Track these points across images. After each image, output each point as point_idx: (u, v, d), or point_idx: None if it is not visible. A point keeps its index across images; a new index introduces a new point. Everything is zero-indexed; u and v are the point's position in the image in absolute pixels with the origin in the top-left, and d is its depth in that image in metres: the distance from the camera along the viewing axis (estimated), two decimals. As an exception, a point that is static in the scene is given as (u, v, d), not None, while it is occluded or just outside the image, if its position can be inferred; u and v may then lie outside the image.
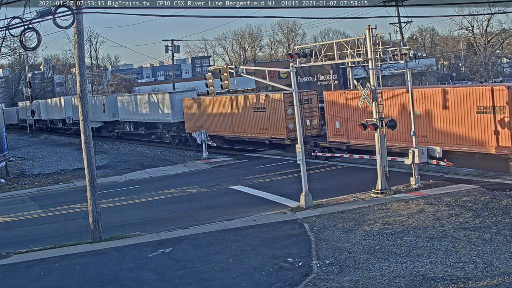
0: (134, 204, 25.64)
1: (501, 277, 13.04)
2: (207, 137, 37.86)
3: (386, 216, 19.20)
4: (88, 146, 19.34)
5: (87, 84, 21.19)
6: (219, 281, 14.27)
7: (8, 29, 16.68)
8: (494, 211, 18.57)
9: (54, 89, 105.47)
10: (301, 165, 21.96)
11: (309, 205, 21.58)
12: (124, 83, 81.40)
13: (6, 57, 63.12)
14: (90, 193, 19.29)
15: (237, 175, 30.57)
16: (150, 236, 19.35)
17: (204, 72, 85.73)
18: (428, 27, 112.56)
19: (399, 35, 48.93)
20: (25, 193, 30.43)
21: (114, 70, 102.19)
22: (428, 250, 15.29)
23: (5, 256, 17.95)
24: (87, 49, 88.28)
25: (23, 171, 38.89)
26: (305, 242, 17.15)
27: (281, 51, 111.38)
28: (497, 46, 78.65)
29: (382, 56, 23.30)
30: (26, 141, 63.65)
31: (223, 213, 22.15)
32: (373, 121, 23.18)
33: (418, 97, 25.41)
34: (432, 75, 75.77)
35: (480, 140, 23.33)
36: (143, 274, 15.30)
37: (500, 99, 22.45)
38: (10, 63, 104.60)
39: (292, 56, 25.29)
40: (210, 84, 24.40)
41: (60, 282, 15.31)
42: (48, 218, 24.20)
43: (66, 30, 21.85)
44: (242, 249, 16.86)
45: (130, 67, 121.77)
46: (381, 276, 13.73)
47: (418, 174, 23.69)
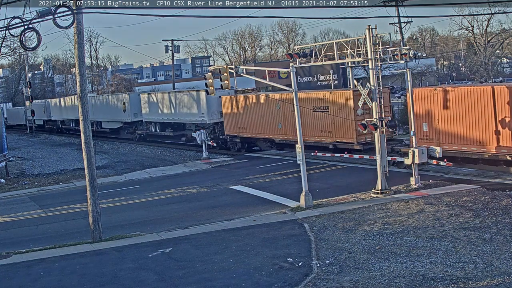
0: (134, 204, 25.64)
1: (501, 277, 13.04)
2: (207, 137, 37.82)
3: (386, 216, 19.20)
4: (88, 146, 19.33)
5: (87, 84, 21.19)
6: (219, 281, 14.27)
7: (8, 29, 16.68)
8: (494, 211, 18.57)
9: (54, 89, 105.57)
10: (301, 165, 21.96)
11: (309, 205, 21.58)
12: (124, 83, 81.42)
13: (6, 57, 63.09)
14: (90, 193, 19.29)
15: (237, 175, 30.57)
16: (150, 236, 19.35)
17: (204, 72, 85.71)
18: (428, 27, 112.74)
19: (399, 35, 48.88)
20: (25, 193, 30.43)
21: (114, 70, 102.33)
22: (428, 250, 15.29)
23: (5, 256, 17.94)
24: (87, 49, 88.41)
25: (23, 171, 38.89)
26: (305, 242, 17.15)
27: (281, 51, 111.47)
28: (497, 46, 78.64)
29: (382, 56, 23.31)
30: (26, 141, 63.64)
31: (223, 213, 22.15)
32: (373, 121, 23.19)
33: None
34: (432, 75, 75.82)
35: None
36: (143, 274, 15.30)
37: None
38: (10, 63, 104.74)
39: (292, 56, 25.29)
40: (210, 84, 24.39)
41: (60, 282, 15.31)
42: (48, 218, 24.20)
43: (66, 30, 21.88)
44: (242, 249, 16.86)
45: (130, 67, 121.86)
46: (381, 276, 13.73)
47: (418, 174, 23.69)
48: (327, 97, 31.37)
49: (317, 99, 31.86)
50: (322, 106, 31.55)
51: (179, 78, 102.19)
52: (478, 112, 24.10)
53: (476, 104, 24.15)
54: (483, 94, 23.85)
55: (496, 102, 23.34)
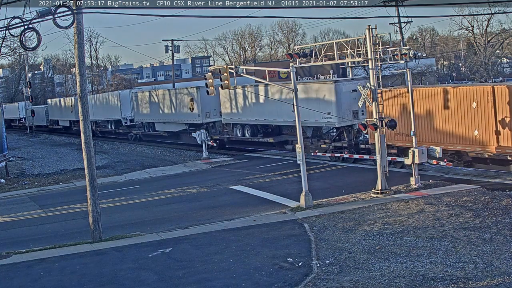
0: (134, 204, 25.64)
1: (501, 277, 13.04)
2: (207, 137, 37.77)
3: (386, 216, 19.20)
4: (88, 146, 19.33)
5: (87, 84, 21.19)
6: (219, 281, 14.27)
7: (8, 29, 16.68)
8: (494, 211, 18.57)
9: (54, 89, 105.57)
10: (301, 165, 21.96)
11: (309, 205, 21.58)
12: (124, 83, 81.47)
13: (6, 57, 62.87)
14: (90, 193, 19.29)
15: (237, 175, 30.57)
16: (150, 236, 19.35)
17: (204, 72, 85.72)
18: (428, 27, 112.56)
19: (399, 35, 48.94)
20: (25, 193, 30.44)
21: (114, 70, 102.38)
22: (428, 250, 15.29)
23: (5, 256, 17.95)
24: (87, 49, 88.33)
25: (23, 171, 38.89)
26: (305, 242, 17.15)
27: (281, 51, 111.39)
28: (497, 46, 78.62)
29: (382, 56, 23.30)
30: (26, 141, 63.64)
31: (223, 213, 22.15)
32: (373, 121, 23.19)
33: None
34: (432, 75, 75.73)
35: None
36: (143, 274, 15.30)
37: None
38: (10, 63, 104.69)
39: (292, 56, 25.30)
40: (210, 84, 24.39)
41: (60, 282, 15.31)
42: (48, 218, 24.20)
43: (66, 30, 21.88)
44: (242, 249, 16.86)
45: (130, 67, 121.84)
46: (381, 276, 13.73)
47: (418, 174, 23.68)
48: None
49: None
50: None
51: (179, 78, 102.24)
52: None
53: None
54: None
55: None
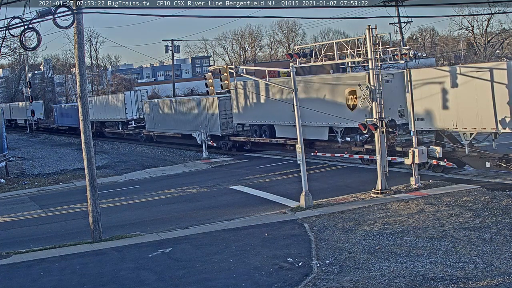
0: (134, 204, 25.64)
1: (501, 277, 13.04)
2: (207, 137, 37.80)
3: (386, 216, 19.20)
4: (88, 146, 19.33)
5: (87, 84, 21.19)
6: (219, 281, 14.27)
7: (8, 29, 16.68)
8: (494, 211, 18.57)
9: (54, 89, 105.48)
10: (301, 165, 21.96)
11: (309, 205, 21.58)
12: (124, 83, 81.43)
13: (6, 57, 62.88)
14: (90, 193, 19.29)
15: (237, 175, 30.57)
16: (150, 236, 19.35)
17: (204, 72, 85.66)
18: (428, 27, 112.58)
19: (399, 35, 49.02)
20: (25, 193, 30.43)
21: (114, 70, 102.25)
22: (428, 250, 15.29)
23: (5, 256, 17.94)
24: (87, 49, 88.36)
25: (23, 171, 38.88)
26: (305, 242, 17.14)
27: (281, 51, 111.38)
28: (497, 46, 78.63)
29: (382, 56, 23.30)
30: (26, 141, 63.62)
31: (223, 213, 22.15)
32: (373, 121, 23.18)
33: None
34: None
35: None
36: (143, 274, 15.30)
37: None
38: (10, 63, 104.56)
39: (292, 56, 25.31)
40: (210, 84, 24.38)
41: (60, 282, 15.31)
42: (48, 218, 24.20)
43: (66, 30, 21.90)
44: (242, 249, 16.86)
45: (130, 67, 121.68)
46: (381, 276, 13.73)
47: (418, 174, 23.68)
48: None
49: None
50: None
51: (179, 78, 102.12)
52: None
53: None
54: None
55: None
